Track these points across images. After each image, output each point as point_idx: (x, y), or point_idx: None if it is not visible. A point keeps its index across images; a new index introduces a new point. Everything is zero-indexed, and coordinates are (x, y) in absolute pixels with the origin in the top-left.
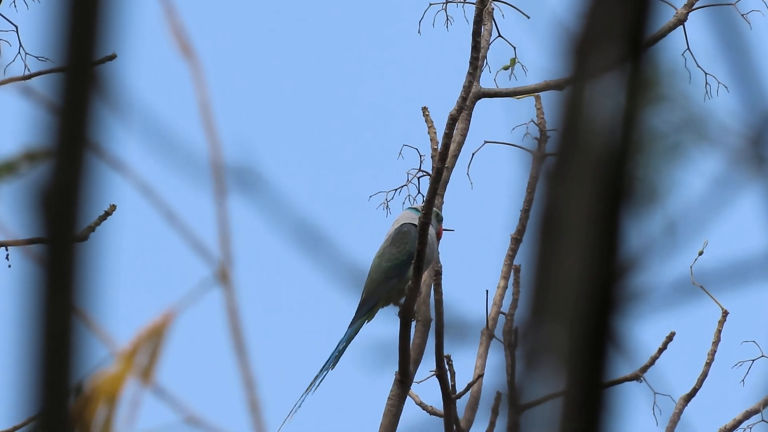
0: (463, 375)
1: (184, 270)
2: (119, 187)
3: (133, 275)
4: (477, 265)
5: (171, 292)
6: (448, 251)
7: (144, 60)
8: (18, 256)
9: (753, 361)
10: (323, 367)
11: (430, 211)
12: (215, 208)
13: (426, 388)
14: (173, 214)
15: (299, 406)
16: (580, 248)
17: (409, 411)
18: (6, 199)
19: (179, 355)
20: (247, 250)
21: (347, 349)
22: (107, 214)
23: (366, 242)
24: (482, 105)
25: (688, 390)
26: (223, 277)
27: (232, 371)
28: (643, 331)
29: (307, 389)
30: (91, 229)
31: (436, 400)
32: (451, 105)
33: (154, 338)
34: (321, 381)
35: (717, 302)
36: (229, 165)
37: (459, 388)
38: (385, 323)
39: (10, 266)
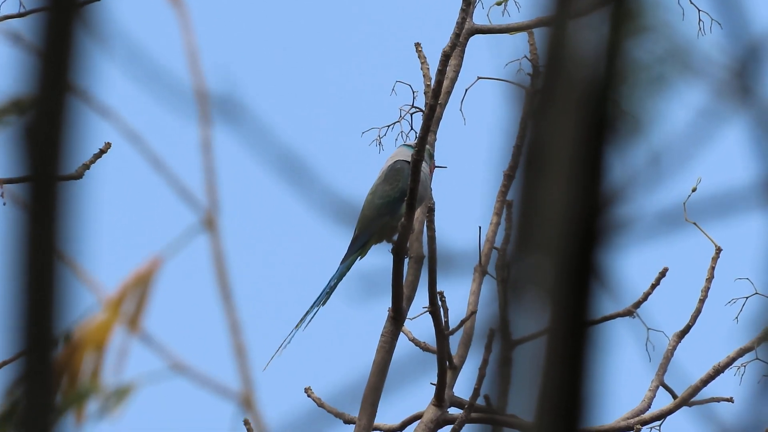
0: (455, 311)
1: (171, 217)
2: (105, 134)
3: (119, 222)
4: (469, 202)
5: (157, 240)
6: (441, 188)
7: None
8: (11, 195)
9: (747, 298)
10: (314, 303)
11: (423, 148)
12: (202, 155)
13: (419, 324)
14: (159, 161)
15: (288, 342)
16: (565, 181)
17: (402, 347)
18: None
19: (166, 302)
20: (237, 186)
21: (339, 285)
22: (102, 152)
23: (359, 179)
24: (475, 41)
25: (681, 327)
26: (209, 223)
27: (219, 317)
28: (631, 265)
29: (297, 325)
30: (86, 167)
31: (429, 337)
32: (445, 41)
33: (141, 286)
34: (312, 317)
35: (710, 239)
36: (217, 101)
37: (452, 325)
38: (378, 259)
39: (5, 204)
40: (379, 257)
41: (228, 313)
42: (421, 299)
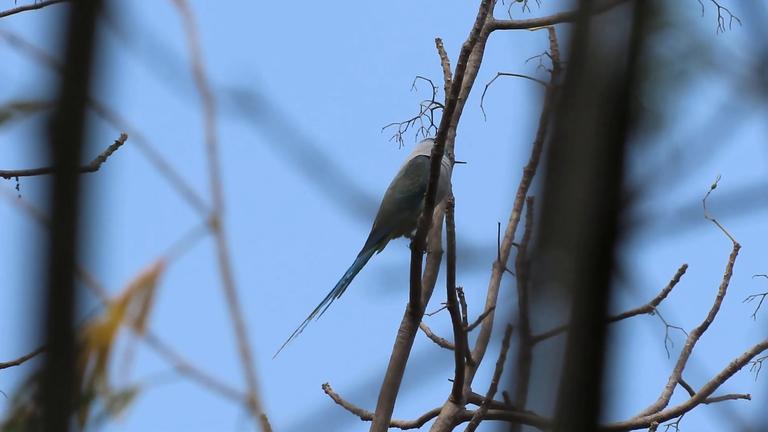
0: (474, 307)
1: (176, 218)
2: (111, 135)
3: (124, 223)
4: (489, 198)
5: (162, 241)
6: (461, 183)
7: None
8: (28, 187)
9: (764, 295)
10: (329, 294)
11: (443, 144)
12: (207, 155)
13: (437, 320)
14: (165, 162)
15: (300, 332)
16: (586, 177)
17: (420, 343)
18: (17, 130)
19: (171, 304)
20: (245, 186)
21: (357, 280)
22: (118, 144)
23: (379, 174)
24: (495, 37)
25: (699, 324)
26: (215, 225)
27: (224, 319)
28: (651, 262)
29: (311, 315)
30: (102, 159)
31: (447, 333)
32: (465, 37)
33: (146, 287)
34: (326, 308)
35: (729, 236)
36: (237, 97)
37: (470, 321)
38: (397, 254)
39: (20, 196)
40: (398, 252)
41: (233, 315)
42: (439, 295)
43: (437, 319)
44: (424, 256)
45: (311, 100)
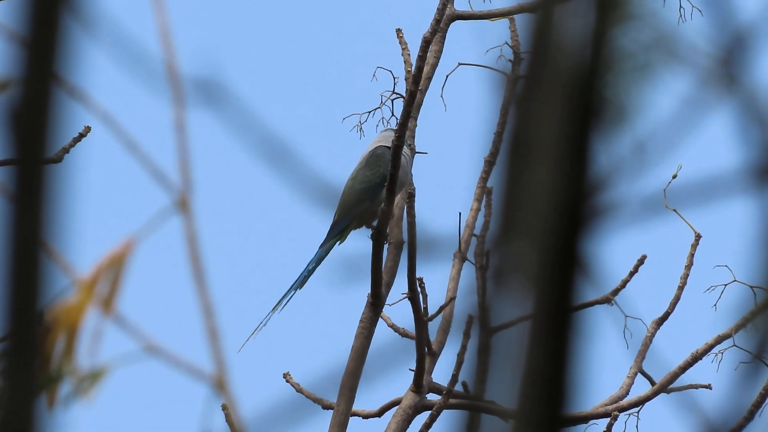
0: (435, 297)
1: (144, 198)
2: (79, 117)
3: (93, 204)
4: (450, 188)
5: (131, 221)
6: (422, 174)
7: None
8: None
9: (725, 285)
10: (291, 286)
11: (404, 134)
12: (176, 136)
13: (398, 310)
14: (133, 143)
15: (264, 325)
16: (549, 168)
17: (381, 333)
18: None
19: (139, 284)
20: (213, 169)
21: (318, 270)
22: (81, 135)
23: (340, 164)
24: (456, 27)
25: (659, 314)
26: (183, 205)
27: (192, 299)
28: (613, 253)
29: (274, 308)
30: (66, 150)
31: (408, 323)
32: (426, 27)
33: (115, 267)
34: (288, 300)
35: (690, 226)
36: (198, 84)
37: (431, 311)
38: (358, 245)
39: None
40: (359, 243)
41: (201, 296)
42: (400, 285)
43: (398, 309)
44: (385, 246)
45: (273, 89)
